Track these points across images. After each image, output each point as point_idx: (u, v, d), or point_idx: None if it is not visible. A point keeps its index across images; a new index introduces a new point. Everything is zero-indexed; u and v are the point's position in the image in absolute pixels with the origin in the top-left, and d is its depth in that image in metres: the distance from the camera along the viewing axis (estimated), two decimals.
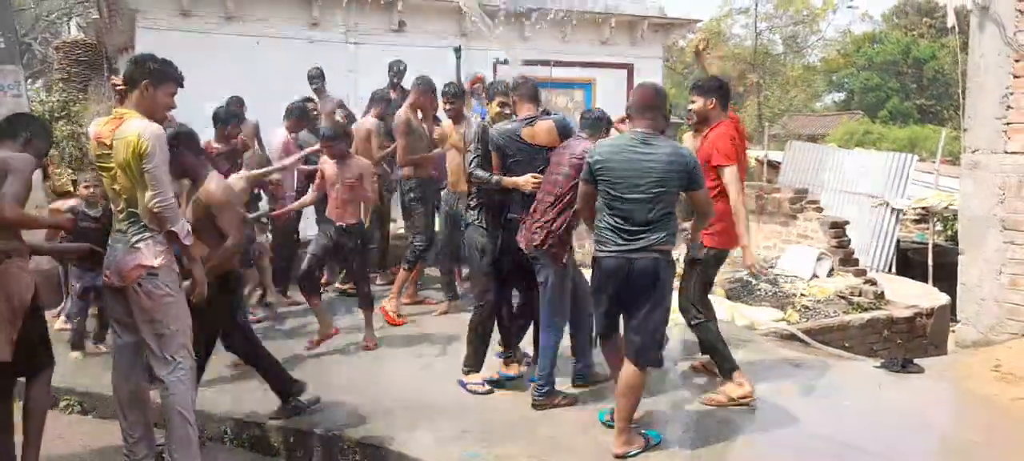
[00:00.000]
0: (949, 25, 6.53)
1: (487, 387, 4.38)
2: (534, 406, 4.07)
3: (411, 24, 10.89)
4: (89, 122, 6.95)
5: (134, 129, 3.10)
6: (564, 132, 4.22)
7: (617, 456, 3.47)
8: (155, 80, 3.25)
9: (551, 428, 3.85)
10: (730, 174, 4.05)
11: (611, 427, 3.64)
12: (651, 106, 3.54)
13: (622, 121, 4.44)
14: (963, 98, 5.83)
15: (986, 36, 5.38)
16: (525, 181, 4.18)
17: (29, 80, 12.36)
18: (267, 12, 10.18)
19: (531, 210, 4.11)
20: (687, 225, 4.10)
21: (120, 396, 3.39)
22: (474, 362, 4.49)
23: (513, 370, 4.51)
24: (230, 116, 5.92)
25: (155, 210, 3.14)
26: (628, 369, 3.52)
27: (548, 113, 4.48)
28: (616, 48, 12.40)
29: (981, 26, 5.42)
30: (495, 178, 4.33)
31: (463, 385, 4.43)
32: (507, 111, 4.58)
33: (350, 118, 6.97)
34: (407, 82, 7.15)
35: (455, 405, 4.20)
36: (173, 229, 3.20)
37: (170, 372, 3.24)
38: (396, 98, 7.12)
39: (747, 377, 4.17)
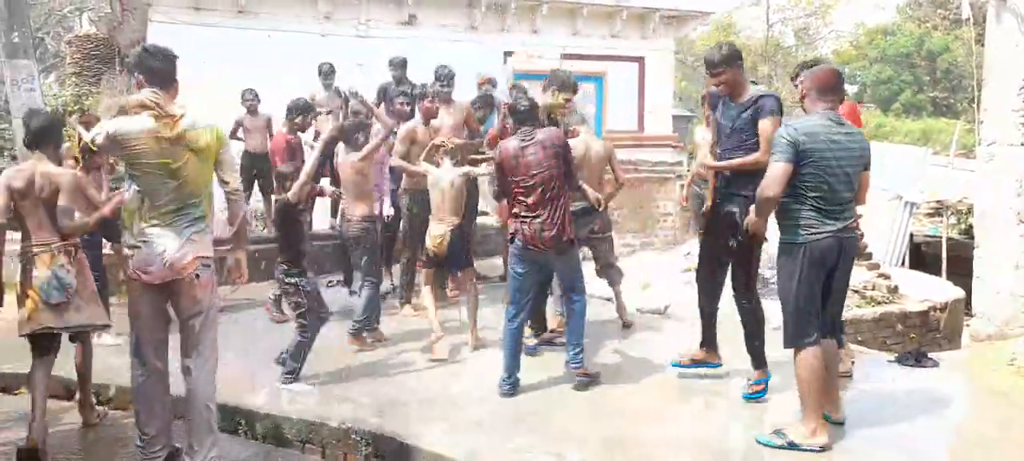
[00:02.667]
0: (964, 17, 6.49)
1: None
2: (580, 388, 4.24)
3: (421, 17, 10.89)
4: (103, 115, 7.00)
5: (205, 121, 3.29)
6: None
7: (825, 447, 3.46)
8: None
9: (564, 420, 3.85)
10: None
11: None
12: (834, 87, 3.59)
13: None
14: (978, 90, 5.77)
15: (1003, 27, 5.32)
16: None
17: (42, 74, 12.46)
18: (278, 6, 10.21)
19: (525, 210, 4.15)
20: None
21: (144, 392, 3.34)
22: (756, 362, 4.15)
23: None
24: (307, 108, 6.01)
25: (236, 188, 3.46)
26: (831, 347, 3.62)
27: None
28: (627, 41, 12.34)
29: (998, 17, 5.36)
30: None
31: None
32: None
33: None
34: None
35: (467, 397, 4.20)
36: (243, 211, 3.52)
37: (201, 363, 3.26)
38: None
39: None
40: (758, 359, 4.15)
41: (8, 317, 3.86)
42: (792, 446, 3.44)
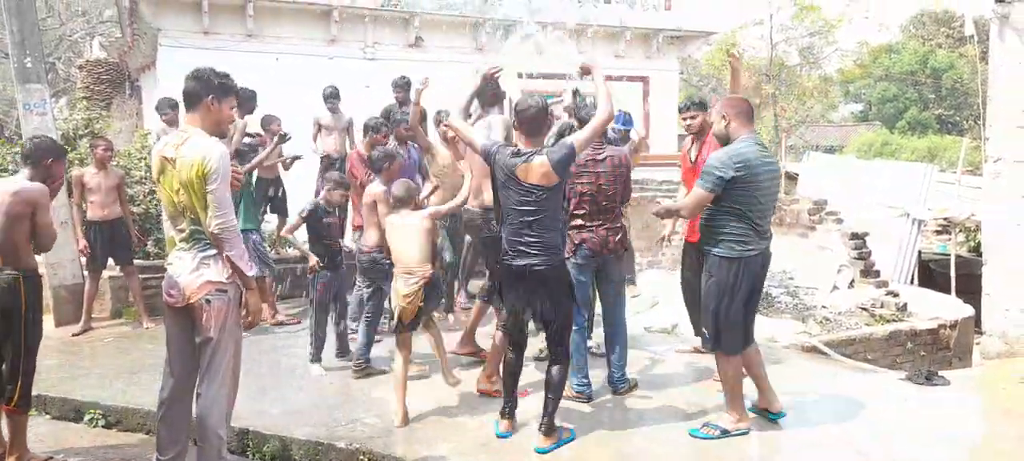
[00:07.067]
0: (967, 34, 6.52)
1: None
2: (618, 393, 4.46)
3: (427, 39, 10.99)
4: (115, 138, 7.08)
5: (199, 149, 3.08)
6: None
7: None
8: (219, 94, 3.22)
9: (575, 440, 3.83)
10: None
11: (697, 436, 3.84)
12: (752, 112, 3.82)
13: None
14: (983, 107, 5.78)
15: (1006, 45, 5.34)
16: None
17: (53, 98, 12.58)
18: (286, 30, 10.33)
19: (585, 219, 4.34)
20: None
21: (169, 414, 3.32)
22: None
23: None
24: (380, 125, 6.08)
25: (215, 231, 3.11)
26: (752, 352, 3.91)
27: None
28: (631, 61, 12.43)
29: (1001, 35, 5.39)
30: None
31: None
32: None
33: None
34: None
35: (475, 419, 4.19)
36: (229, 253, 3.15)
37: (211, 390, 3.21)
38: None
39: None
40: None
41: None
42: (725, 433, 3.78)
